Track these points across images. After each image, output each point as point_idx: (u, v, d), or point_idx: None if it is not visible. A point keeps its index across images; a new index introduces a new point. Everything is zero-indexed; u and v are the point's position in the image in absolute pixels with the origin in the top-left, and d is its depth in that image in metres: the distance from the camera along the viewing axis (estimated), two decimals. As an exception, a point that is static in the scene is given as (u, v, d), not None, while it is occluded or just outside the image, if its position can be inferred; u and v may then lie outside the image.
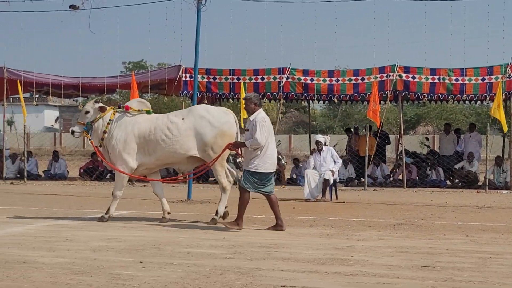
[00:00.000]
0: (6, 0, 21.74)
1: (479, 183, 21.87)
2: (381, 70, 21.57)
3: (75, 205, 15.10)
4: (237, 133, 11.99)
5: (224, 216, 11.95)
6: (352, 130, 26.02)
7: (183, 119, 11.90)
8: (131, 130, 12.05)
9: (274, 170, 11.12)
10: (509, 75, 20.60)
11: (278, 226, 10.99)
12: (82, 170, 24.90)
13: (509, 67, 20.62)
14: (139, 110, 12.30)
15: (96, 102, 12.53)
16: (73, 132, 12.69)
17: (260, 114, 10.79)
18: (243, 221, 10.99)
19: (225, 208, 12.02)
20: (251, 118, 10.80)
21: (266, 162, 10.79)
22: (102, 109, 12.39)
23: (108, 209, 12.10)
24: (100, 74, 24.47)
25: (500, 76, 20.64)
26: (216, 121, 11.81)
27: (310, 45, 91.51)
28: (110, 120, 12.28)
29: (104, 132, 12.25)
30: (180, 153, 11.89)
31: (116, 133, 12.10)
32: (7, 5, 22.79)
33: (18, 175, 24.63)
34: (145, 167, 12.18)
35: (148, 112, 12.33)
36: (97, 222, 11.88)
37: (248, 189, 10.78)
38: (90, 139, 12.48)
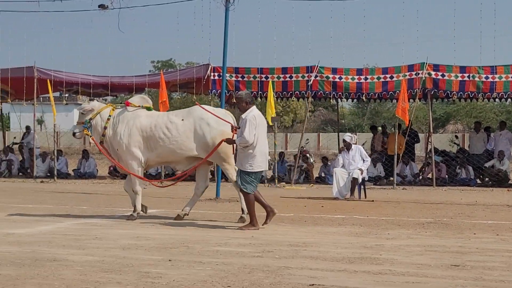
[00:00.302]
0: (36, 0, 21.92)
1: (510, 182, 21.70)
2: (410, 68, 21.45)
3: (105, 204, 15.20)
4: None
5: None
6: (380, 128, 25.90)
7: (182, 120, 12.01)
8: (133, 123, 12.18)
9: (265, 169, 11.19)
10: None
11: (250, 226, 10.91)
12: (111, 169, 25.05)
13: (539, 64, 20.40)
14: (139, 106, 12.41)
15: (91, 100, 12.77)
16: (74, 134, 12.97)
17: (251, 112, 10.81)
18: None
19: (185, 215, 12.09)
20: (243, 116, 10.87)
21: (260, 161, 10.83)
22: (98, 106, 12.63)
23: (134, 206, 12.17)
24: (129, 73, 24.65)
25: (531, 73, 20.44)
26: (215, 122, 11.87)
27: (339, 43, 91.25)
28: (109, 116, 12.44)
29: (105, 128, 12.41)
30: (178, 153, 12.02)
31: (119, 129, 12.25)
32: (37, 6, 22.97)
33: (48, 174, 24.85)
34: (148, 163, 12.34)
35: (148, 109, 12.46)
36: (126, 220, 11.94)
37: (250, 192, 10.81)
38: (90, 136, 12.63)
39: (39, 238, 9.71)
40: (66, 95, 28.18)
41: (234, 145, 11.46)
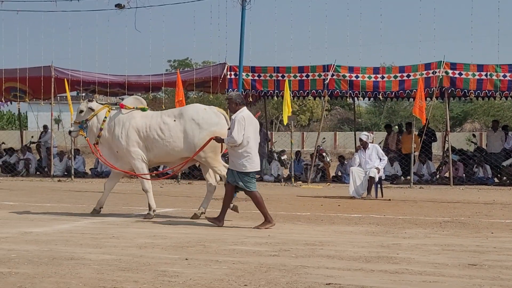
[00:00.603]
0: (54, 0, 22.01)
1: (528, 181, 21.56)
2: (427, 66, 21.36)
3: (121, 203, 15.24)
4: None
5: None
6: (396, 127, 25.81)
7: (174, 120, 12.11)
8: (129, 124, 12.28)
9: (258, 169, 11.20)
10: (558, 70, 20.26)
11: (267, 223, 10.97)
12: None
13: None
14: (133, 108, 12.51)
15: (89, 101, 12.88)
16: (70, 132, 13.17)
17: (241, 113, 10.88)
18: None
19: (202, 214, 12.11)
20: (232, 116, 10.97)
21: (253, 161, 10.88)
22: (95, 107, 12.73)
23: (149, 205, 12.21)
24: (146, 72, 24.66)
25: (549, 71, 20.31)
26: (205, 123, 11.93)
27: (355, 42, 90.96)
28: (105, 117, 12.54)
29: (101, 129, 12.52)
30: (172, 154, 12.15)
31: (116, 131, 12.36)
32: (54, 5, 23.07)
33: (66, 173, 24.95)
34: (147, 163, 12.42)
35: (142, 109, 12.56)
36: (143, 219, 11.98)
37: (253, 189, 10.93)
38: (85, 137, 12.78)
39: (56, 237, 9.75)
40: (83, 94, 28.26)
41: (223, 144, 11.60)
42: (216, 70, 23.11)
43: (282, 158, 26.13)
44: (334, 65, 21.83)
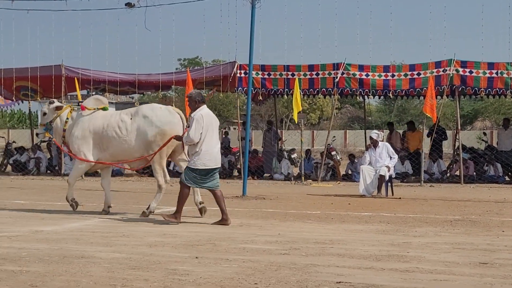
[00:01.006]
0: (64, -1, 22.04)
1: (539, 179, 21.49)
2: (438, 64, 21.30)
3: (132, 201, 15.27)
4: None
5: (202, 211, 12.09)
6: (405, 126, 25.75)
7: (131, 118, 12.27)
8: (87, 127, 12.53)
9: (217, 166, 11.22)
10: None
11: (223, 221, 11.12)
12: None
13: None
14: (94, 109, 12.73)
15: (50, 103, 13.15)
16: (37, 134, 13.47)
17: (200, 111, 10.99)
18: (181, 214, 11.21)
19: (201, 204, 12.11)
20: (192, 115, 11.05)
21: (205, 159, 10.94)
22: (58, 109, 13.01)
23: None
24: (156, 71, 24.68)
25: (559, 69, 20.22)
26: (158, 121, 12.04)
27: (365, 40, 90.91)
28: (67, 118, 12.84)
29: (64, 130, 12.83)
30: (128, 152, 12.27)
31: (74, 131, 12.63)
32: (65, 4, 23.11)
33: (76, 171, 24.97)
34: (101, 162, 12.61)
35: (104, 109, 12.76)
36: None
37: (188, 184, 11.01)
38: (52, 138, 13.14)
39: (67, 235, 9.78)
40: (93, 93, 28.30)
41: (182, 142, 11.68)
42: (226, 69, 23.11)
43: (292, 156, 26.10)
44: (344, 63, 21.80)
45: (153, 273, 6.95)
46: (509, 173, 22.39)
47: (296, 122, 22.71)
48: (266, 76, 22.43)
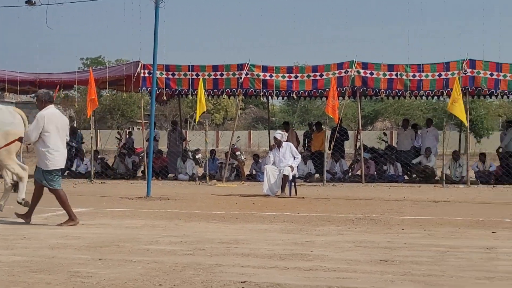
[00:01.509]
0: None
1: (436, 178, 22.13)
2: (340, 66, 21.66)
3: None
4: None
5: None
6: (309, 126, 26.08)
7: None
8: None
9: (62, 167, 11.17)
10: (465, 71, 20.85)
11: (70, 221, 11.03)
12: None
13: (464, 63, 20.86)
14: None
15: None
16: None
17: (44, 111, 10.92)
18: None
19: (23, 200, 12.09)
20: (37, 114, 11.02)
21: (54, 159, 10.87)
22: None
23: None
24: (58, 70, 24.21)
25: (456, 72, 20.87)
26: (0, 123, 11.99)
27: (269, 42, 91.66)
28: None
29: None
30: None
31: None
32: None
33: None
34: None
35: None
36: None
37: (57, 187, 10.97)
38: None
39: (-35, 238, 9.49)
40: (-8, 92, 27.62)
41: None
42: (129, 69, 22.87)
43: (197, 156, 26.07)
44: (248, 64, 21.92)
45: (55, 276, 6.82)
46: (408, 172, 22.98)
47: (197, 123, 22.69)
48: (170, 76, 22.33)
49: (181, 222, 11.58)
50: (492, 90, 21.31)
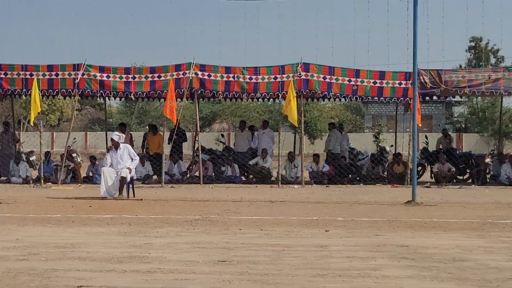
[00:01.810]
0: None
1: (273, 179, 22.60)
2: (178, 67, 21.70)
3: None
4: None
5: None
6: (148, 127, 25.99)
7: None
8: None
9: None
10: (300, 74, 21.43)
11: None
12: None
13: (299, 66, 21.44)
14: None
15: None
16: None
17: None
18: None
19: None
20: None
21: None
22: None
23: None
24: None
25: (291, 75, 21.42)
26: None
27: (107, 42, 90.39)
28: None
29: None
30: None
31: None
32: None
33: None
34: None
35: None
36: None
37: None
38: None
39: None
40: None
41: None
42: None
43: (31, 159, 25.33)
44: (84, 64, 21.54)
45: None
46: (245, 173, 23.35)
47: (34, 124, 22.08)
48: (2, 76, 21.56)
49: (14, 226, 11.22)
50: (325, 93, 21.95)
